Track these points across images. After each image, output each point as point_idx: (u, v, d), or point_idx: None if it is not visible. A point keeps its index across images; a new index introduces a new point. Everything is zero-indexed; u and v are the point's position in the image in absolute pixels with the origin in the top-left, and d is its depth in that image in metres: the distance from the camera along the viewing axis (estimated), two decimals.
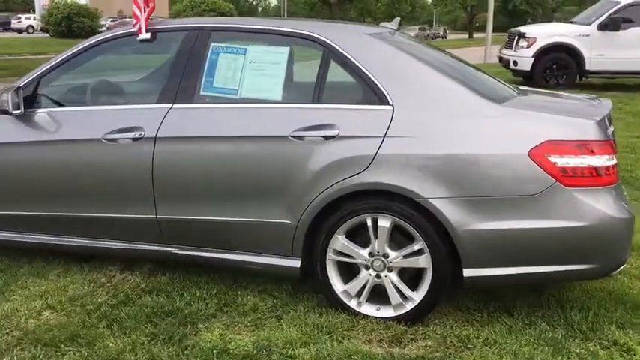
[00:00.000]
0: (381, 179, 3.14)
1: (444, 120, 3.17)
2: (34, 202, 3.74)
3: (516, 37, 13.97)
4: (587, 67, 13.17)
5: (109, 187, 3.59)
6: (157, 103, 3.56)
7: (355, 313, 3.33)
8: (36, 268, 3.93)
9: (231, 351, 3.03)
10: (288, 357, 2.98)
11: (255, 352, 3.01)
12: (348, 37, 3.45)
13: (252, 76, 3.47)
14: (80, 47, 3.77)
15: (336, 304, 3.37)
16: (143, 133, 3.47)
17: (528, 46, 13.49)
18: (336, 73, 3.40)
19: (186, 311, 3.37)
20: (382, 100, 3.23)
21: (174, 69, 3.59)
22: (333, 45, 3.37)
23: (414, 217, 3.14)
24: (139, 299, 3.53)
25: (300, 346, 3.06)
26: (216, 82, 3.51)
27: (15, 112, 3.59)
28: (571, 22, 14.52)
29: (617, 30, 12.92)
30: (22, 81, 3.77)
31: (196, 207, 3.48)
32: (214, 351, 3.00)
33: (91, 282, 3.74)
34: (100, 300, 3.52)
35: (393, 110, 3.19)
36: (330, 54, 3.38)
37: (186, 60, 3.56)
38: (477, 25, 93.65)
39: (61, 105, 3.79)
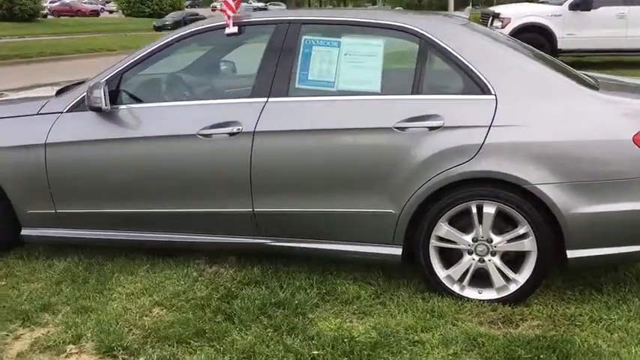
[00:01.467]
0: (489, 167, 3.26)
1: (546, 107, 3.30)
2: (125, 200, 3.71)
3: (490, 18, 14.26)
4: (559, 47, 13.55)
5: (203, 182, 3.60)
6: (252, 97, 3.57)
7: (458, 297, 3.45)
8: (121, 265, 3.91)
9: (357, 338, 3.11)
10: (416, 342, 3.08)
11: (382, 338, 3.09)
12: (443, 28, 3.53)
13: (348, 68, 3.51)
14: (164, 41, 3.73)
15: (438, 289, 3.49)
16: (241, 127, 3.49)
17: (503, 27, 13.77)
18: (435, 64, 3.48)
19: (295, 302, 3.43)
20: (484, 89, 3.33)
21: (266, 62, 3.60)
22: (430, 36, 3.45)
23: (520, 202, 3.27)
24: (241, 292, 3.56)
25: (421, 331, 3.16)
26: (311, 75, 3.54)
27: (105, 108, 3.54)
28: (543, 2, 14.88)
29: (589, 9, 13.33)
30: (105, 76, 3.71)
31: (295, 199, 3.52)
32: (344, 339, 3.07)
33: (185, 277, 3.75)
34: (201, 294, 3.53)
35: (496, 99, 3.30)
36: (427, 45, 3.45)
37: (279, 53, 3.57)
38: (422, 4, 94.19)
39: (148, 100, 3.75)
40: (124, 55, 3.88)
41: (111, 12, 59.33)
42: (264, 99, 3.53)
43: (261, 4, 68.45)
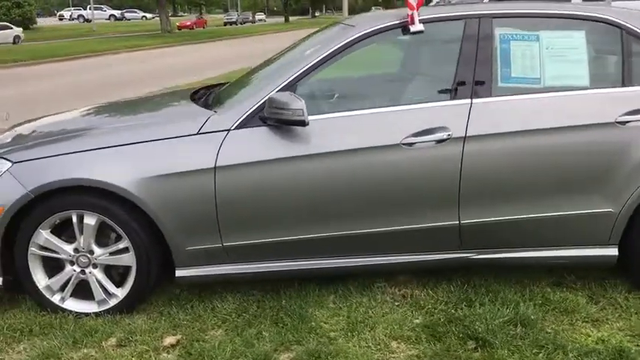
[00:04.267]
0: None
1: None
2: (313, 224, 3.25)
3: None
4: None
5: (406, 197, 3.24)
6: (454, 99, 3.27)
7: None
8: (299, 299, 3.44)
9: (635, 349, 2.92)
10: None
11: None
12: (637, 18, 3.42)
13: (553, 62, 3.31)
14: (341, 43, 3.31)
15: None
16: (450, 133, 3.18)
17: None
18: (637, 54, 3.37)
19: (530, 317, 3.17)
20: None
21: (463, 61, 3.30)
22: (631, 26, 3.33)
23: None
24: (460, 313, 3.25)
25: None
26: (513, 72, 3.30)
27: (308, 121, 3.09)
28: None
29: None
30: (280, 84, 3.25)
31: (507, 207, 3.27)
32: (626, 351, 2.88)
33: (382, 303, 3.39)
34: (420, 321, 3.20)
35: None
36: (629, 36, 3.33)
37: (475, 51, 3.30)
38: (275, 9, 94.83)
39: (334, 109, 3.31)
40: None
41: None
42: (468, 100, 3.24)
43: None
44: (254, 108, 3.22)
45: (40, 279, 3.32)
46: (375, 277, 3.61)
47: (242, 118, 3.22)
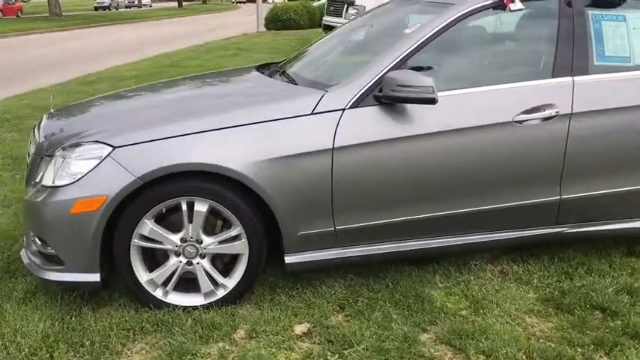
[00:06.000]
0: None
1: None
2: (428, 203, 3.23)
3: (345, 5, 14.59)
4: None
5: (512, 174, 3.29)
6: (555, 77, 3.34)
7: None
8: (403, 279, 3.40)
9: None
10: None
11: None
12: None
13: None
14: (445, 22, 3.28)
15: None
16: (558, 110, 3.26)
17: (360, 14, 14.16)
18: None
19: (635, 285, 3.34)
20: None
21: (561, 39, 3.38)
22: None
23: None
24: (564, 286, 3.35)
25: None
26: (607, 50, 3.43)
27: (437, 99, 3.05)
28: None
29: None
30: (390, 62, 3.18)
31: (605, 181, 3.40)
32: None
33: (489, 281, 3.42)
34: (532, 296, 3.27)
35: None
36: None
37: (572, 29, 3.39)
38: None
39: (446, 88, 3.26)
40: None
41: None
42: (569, 78, 3.33)
43: None
44: (367, 86, 3.14)
45: (142, 273, 3.08)
46: (467, 256, 3.62)
47: (356, 97, 3.13)
